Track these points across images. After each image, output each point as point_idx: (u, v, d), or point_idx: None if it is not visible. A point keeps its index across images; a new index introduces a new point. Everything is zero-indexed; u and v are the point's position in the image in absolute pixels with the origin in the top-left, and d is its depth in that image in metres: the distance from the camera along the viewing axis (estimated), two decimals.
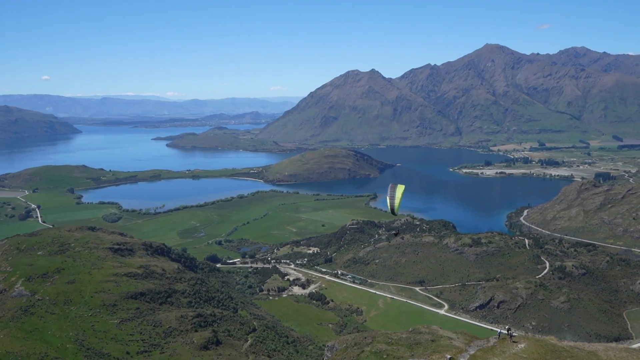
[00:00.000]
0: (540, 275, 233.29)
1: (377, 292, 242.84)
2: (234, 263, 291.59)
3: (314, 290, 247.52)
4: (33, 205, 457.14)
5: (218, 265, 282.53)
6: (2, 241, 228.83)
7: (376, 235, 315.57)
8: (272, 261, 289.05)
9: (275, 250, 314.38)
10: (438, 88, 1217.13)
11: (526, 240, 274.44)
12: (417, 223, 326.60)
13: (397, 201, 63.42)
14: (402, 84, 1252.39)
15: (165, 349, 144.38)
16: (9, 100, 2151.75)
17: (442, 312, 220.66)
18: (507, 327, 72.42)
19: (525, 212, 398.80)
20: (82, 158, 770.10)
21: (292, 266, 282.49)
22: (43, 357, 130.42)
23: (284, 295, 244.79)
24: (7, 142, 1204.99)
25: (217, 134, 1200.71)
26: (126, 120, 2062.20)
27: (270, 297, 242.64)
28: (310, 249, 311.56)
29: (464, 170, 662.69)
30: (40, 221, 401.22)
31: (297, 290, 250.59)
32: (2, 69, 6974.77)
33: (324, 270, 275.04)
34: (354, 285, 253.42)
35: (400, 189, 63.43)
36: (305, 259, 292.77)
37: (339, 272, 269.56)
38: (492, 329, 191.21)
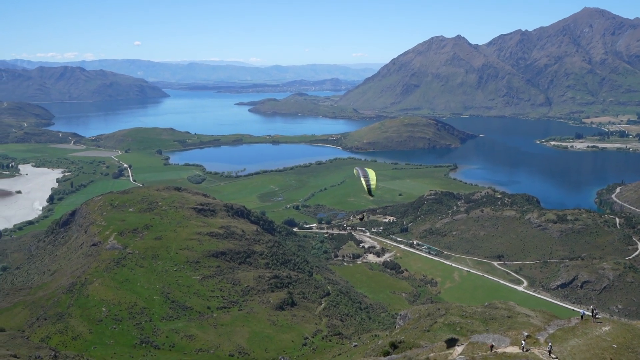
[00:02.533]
0: (630, 257, 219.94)
1: (453, 265, 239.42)
2: (310, 228, 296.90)
3: (388, 259, 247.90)
4: (125, 165, 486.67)
5: (295, 229, 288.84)
6: (98, 197, 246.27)
7: (454, 207, 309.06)
8: (347, 228, 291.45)
9: (351, 217, 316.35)
10: (528, 55, 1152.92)
11: (617, 219, 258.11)
12: (499, 196, 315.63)
13: (372, 182, 61.99)
14: (490, 51, 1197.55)
15: (243, 306, 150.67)
16: (105, 64, 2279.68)
17: (520, 288, 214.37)
18: (591, 307, 69.09)
19: (617, 189, 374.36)
20: (169, 121, 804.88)
21: (368, 234, 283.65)
22: (132, 306, 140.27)
23: (359, 262, 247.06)
24: (102, 104, 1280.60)
25: (297, 100, 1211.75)
26: (211, 85, 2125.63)
27: (345, 263, 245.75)
28: (386, 218, 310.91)
29: (552, 143, 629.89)
30: (131, 180, 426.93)
31: (371, 257, 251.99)
32: (99, 35, 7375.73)
33: (399, 239, 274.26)
34: (429, 256, 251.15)
35: (371, 172, 62.89)
36: (381, 228, 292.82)
37: (415, 242, 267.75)
38: (573, 310, 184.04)
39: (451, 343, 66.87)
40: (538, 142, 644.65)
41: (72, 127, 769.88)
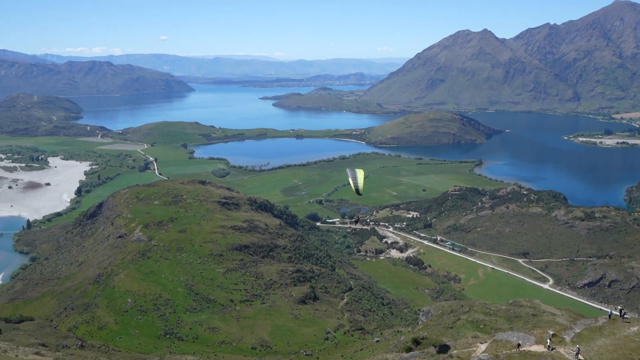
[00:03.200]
0: None
1: (477, 261, 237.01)
2: (333, 223, 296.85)
3: (411, 255, 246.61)
4: (151, 158, 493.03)
5: (318, 223, 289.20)
6: (124, 190, 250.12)
7: (479, 203, 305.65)
8: (370, 223, 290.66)
9: (374, 213, 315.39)
10: (556, 49, 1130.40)
11: None
12: (525, 193, 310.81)
13: (360, 182, 63.76)
14: (517, 45, 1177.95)
15: (266, 299, 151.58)
16: (132, 59, 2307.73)
17: (546, 286, 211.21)
18: (619, 307, 67.56)
19: None
20: (195, 115, 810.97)
21: (391, 229, 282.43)
22: (157, 298, 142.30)
23: (381, 258, 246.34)
24: (129, 98, 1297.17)
25: (321, 95, 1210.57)
26: (235, 79, 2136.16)
27: (368, 259, 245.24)
28: (409, 213, 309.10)
29: (581, 139, 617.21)
30: (157, 173, 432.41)
31: (394, 253, 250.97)
32: (126, 30, 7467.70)
33: (422, 235, 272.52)
34: (453, 253, 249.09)
35: (360, 172, 64.96)
36: (404, 223, 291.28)
37: (438, 238, 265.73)
38: (601, 309, 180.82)
39: (443, 349, 66.53)
40: (566, 137, 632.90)
41: (99, 121, 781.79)
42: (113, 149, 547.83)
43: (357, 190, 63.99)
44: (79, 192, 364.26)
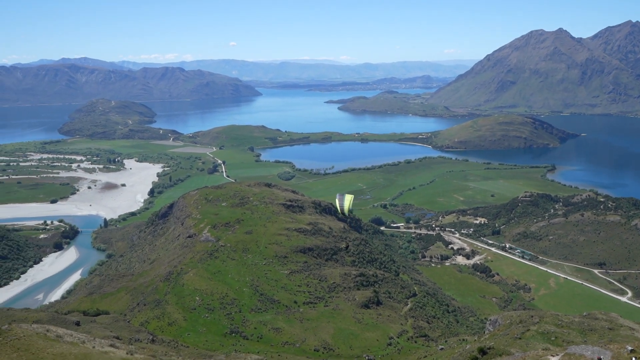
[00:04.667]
0: None
1: (549, 270, 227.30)
2: (398, 227, 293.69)
3: (478, 262, 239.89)
4: (219, 161, 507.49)
5: (382, 228, 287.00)
6: (194, 191, 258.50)
7: (551, 210, 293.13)
8: (436, 228, 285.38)
9: (440, 218, 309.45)
10: (639, 49, 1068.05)
11: None
12: (602, 200, 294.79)
13: (346, 202, 71.36)
14: (594, 45, 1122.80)
15: (329, 302, 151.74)
16: (202, 64, 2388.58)
17: (624, 299, 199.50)
18: None
19: None
20: (261, 119, 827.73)
21: (457, 235, 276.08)
22: (224, 297, 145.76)
23: (447, 264, 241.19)
24: (200, 102, 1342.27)
25: (387, 98, 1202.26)
26: (302, 83, 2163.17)
27: (433, 264, 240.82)
28: (477, 219, 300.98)
29: None
30: (224, 175, 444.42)
31: (460, 260, 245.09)
32: (198, 37, 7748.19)
33: (490, 242, 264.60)
34: (522, 261, 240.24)
35: (348, 197, 73.10)
36: (471, 229, 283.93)
37: (507, 246, 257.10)
38: None
39: None
40: None
41: (171, 125, 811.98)
42: (184, 151, 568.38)
43: (341, 211, 71.94)
44: (151, 193, 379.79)
